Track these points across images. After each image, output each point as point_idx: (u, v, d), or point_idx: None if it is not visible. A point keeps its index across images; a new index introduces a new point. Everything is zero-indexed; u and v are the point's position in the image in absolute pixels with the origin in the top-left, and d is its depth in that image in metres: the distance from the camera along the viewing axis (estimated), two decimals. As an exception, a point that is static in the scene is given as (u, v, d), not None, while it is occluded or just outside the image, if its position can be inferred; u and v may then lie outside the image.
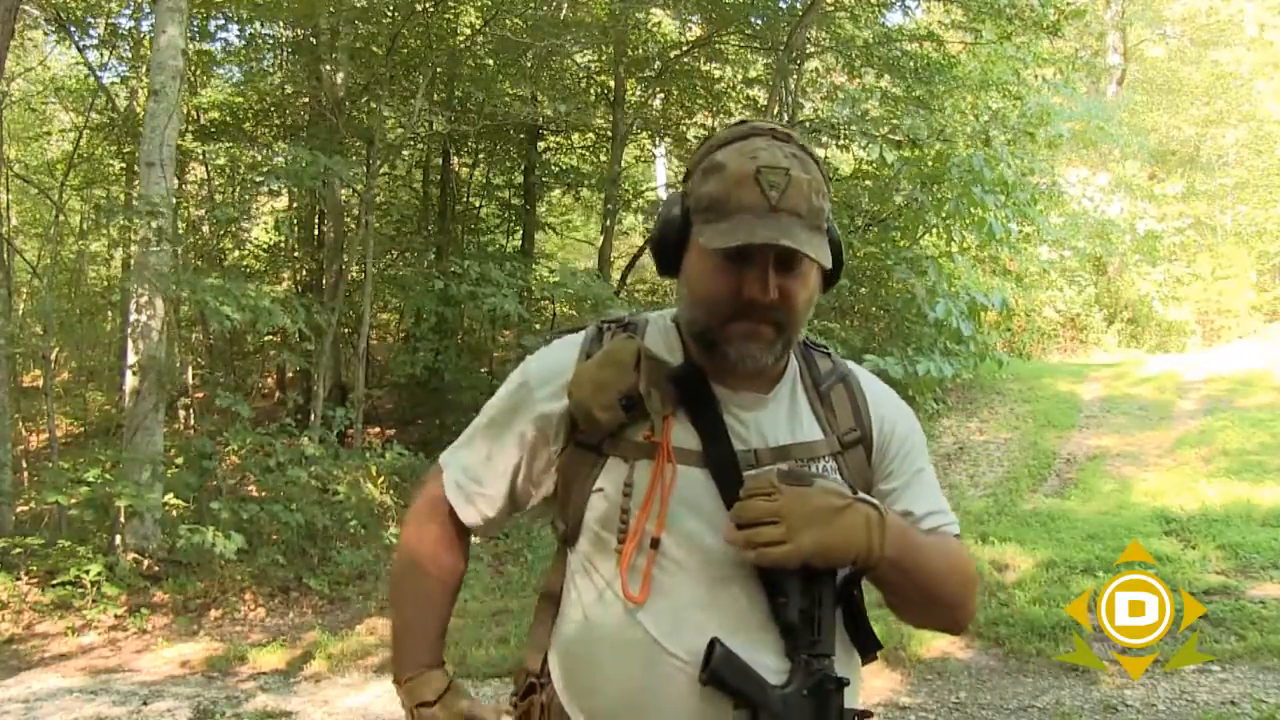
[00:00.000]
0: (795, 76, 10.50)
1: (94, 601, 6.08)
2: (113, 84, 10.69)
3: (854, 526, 1.09)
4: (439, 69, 9.71)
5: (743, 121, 1.20)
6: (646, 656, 1.11)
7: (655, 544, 1.13)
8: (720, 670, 1.05)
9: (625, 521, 1.13)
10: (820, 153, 12.09)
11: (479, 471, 1.28)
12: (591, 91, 11.18)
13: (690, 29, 11.32)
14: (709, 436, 1.17)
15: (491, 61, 10.30)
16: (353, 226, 10.49)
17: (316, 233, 11.78)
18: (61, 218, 10.73)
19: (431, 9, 9.24)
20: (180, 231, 8.52)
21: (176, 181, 8.54)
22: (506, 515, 1.30)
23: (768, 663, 1.09)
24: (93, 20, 9.97)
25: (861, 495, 1.13)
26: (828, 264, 1.13)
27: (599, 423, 1.16)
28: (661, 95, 11.78)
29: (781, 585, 1.10)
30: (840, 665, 1.11)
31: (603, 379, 1.16)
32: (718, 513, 1.13)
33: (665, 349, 1.21)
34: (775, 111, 10.39)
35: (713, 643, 1.07)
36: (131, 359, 6.95)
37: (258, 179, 10.92)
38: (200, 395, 9.87)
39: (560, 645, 1.21)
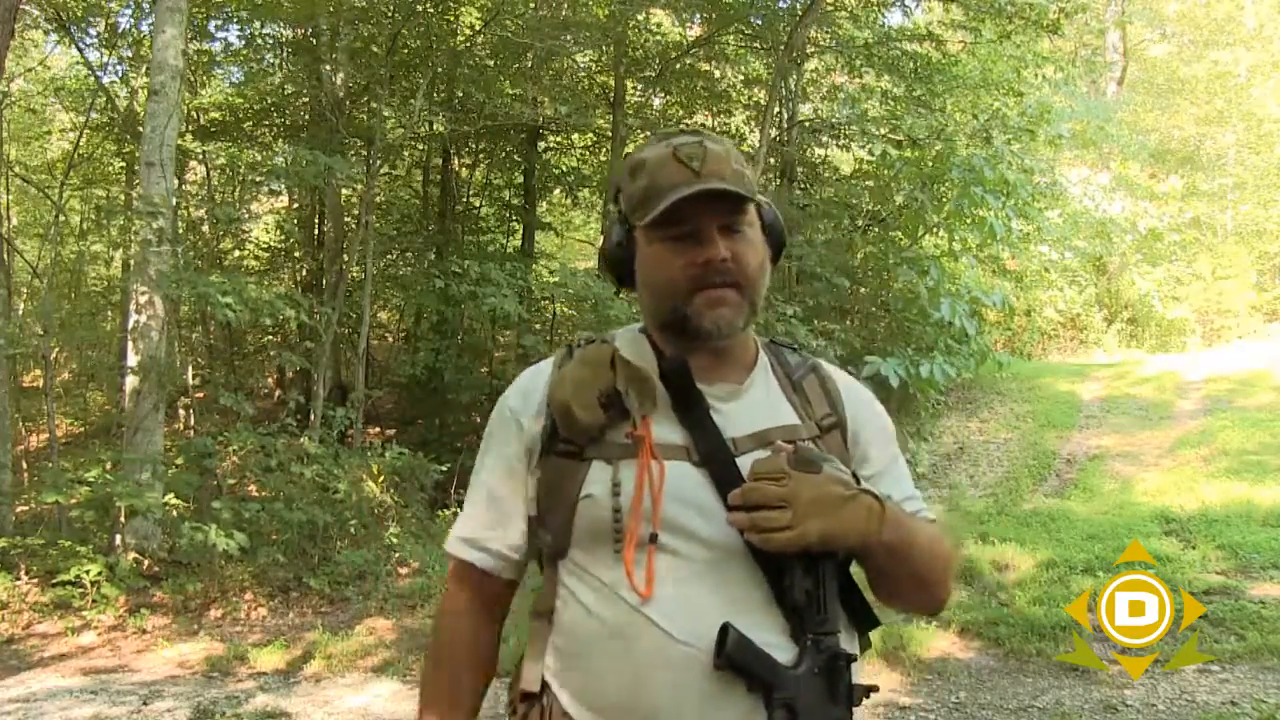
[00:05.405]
0: (795, 76, 10.50)
1: (94, 602, 6.06)
2: (113, 84, 10.69)
3: (857, 516, 1.10)
4: (439, 69, 9.70)
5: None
6: (657, 648, 1.11)
7: (653, 539, 1.13)
8: (734, 654, 1.07)
9: (619, 521, 1.14)
10: (820, 153, 11.90)
11: (486, 517, 1.27)
12: (592, 92, 11.17)
13: (690, 29, 11.32)
14: (697, 429, 1.19)
15: (492, 62, 10.30)
16: (353, 226, 10.49)
17: (317, 232, 11.78)
18: (61, 218, 10.72)
19: (431, 9, 9.24)
20: (180, 231, 8.52)
21: (176, 181, 8.53)
22: (529, 544, 1.27)
23: (774, 643, 1.11)
24: (93, 20, 9.97)
25: (865, 486, 1.14)
26: (755, 197, 1.21)
27: (579, 423, 1.17)
28: (661, 95, 11.78)
29: (786, 568, 1.11)
30: (843, 642, 1.13)
31: (581, 378, 1.19)
32: (712, 504, 1.14)
33: (637, 355, 1.24)
34: (775, 111, 10.38)
35: (725, 627, 1.08)
36: (131, 359, 6.95)
37: (258, 179, 10.91)
38: (200, 395, 9.87)
39: (561, 655, 1.20)
